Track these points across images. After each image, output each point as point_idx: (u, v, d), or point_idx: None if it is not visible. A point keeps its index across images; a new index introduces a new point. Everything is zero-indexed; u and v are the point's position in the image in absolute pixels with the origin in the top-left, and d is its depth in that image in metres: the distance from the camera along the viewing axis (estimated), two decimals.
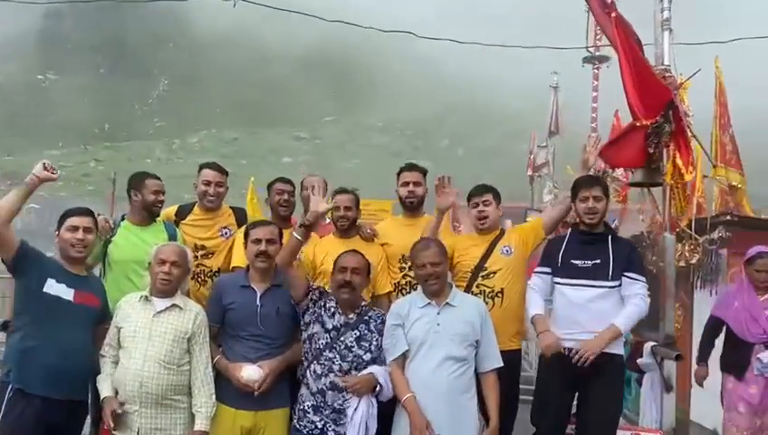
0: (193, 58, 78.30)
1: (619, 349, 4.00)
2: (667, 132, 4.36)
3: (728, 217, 6.85)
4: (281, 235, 3.88)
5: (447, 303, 3.71)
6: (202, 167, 4.63)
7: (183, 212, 4.62)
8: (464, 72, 59.24)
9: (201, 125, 63.33)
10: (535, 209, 12.18)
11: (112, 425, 3.43)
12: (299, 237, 3.81)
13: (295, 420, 3.70)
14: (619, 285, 3.94)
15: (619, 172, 6.16)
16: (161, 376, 3.52)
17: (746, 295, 5.09)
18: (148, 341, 3.56)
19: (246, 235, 3.89)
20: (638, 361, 4.51)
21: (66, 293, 3.59)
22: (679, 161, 4.38)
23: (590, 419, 3.96)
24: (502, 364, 3.81)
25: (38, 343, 3.53)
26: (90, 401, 3.71)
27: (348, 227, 4.41)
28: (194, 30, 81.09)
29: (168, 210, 4.64)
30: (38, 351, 3.52)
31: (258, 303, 3.73)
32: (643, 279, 3.99)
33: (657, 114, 4.18)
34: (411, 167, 4.61)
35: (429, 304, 3.70)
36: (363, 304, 3.86)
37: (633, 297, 3.91)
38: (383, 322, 3.76)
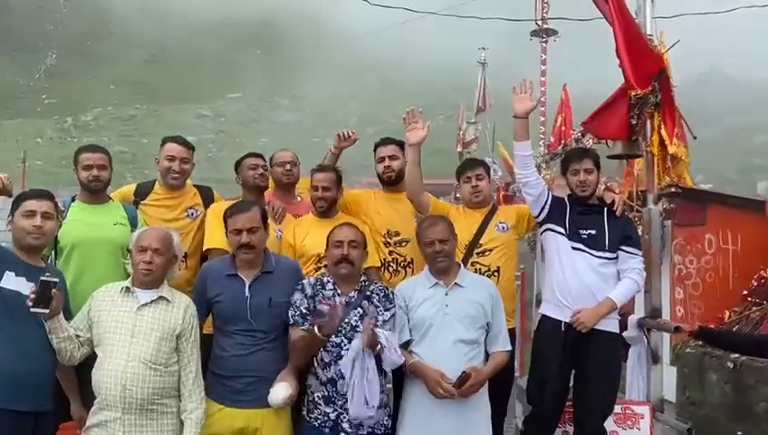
0: (83, 30, 73.61)
1: (613, 326, 4.01)
2: (651, 103, 4.35)
3: (672, 190, 7.09)
4: (264, 217, 3.54)
5: (456, 283, 3.58)
6: (165, 141, 4.19)
7: (142, 191, 4.16)
8: (375, 50, 58.98)
9: (95, 102, 59.58)
10: None
11: None
12: (319, 335, 3.37)
13: (305, 412, 3.44)
14: (616, 258, 3.95)
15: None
16: (147, 378, 3.12)
17: None
18: (131, 338, 3.15)
19: (225, 221, 3.52)
20: (624, 334, 4.48)
21: (26, 287, 3.08)
22: (664, 132, 4.37)
23: (586, 397, 3.95)
24: (510, 347, 3.74)
25: None
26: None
27: (326, 208, 4.12)
28: (83, 0, 76.20)
29: (126, 190, 4.19)
30: None
31: (247, 293, 3.39)
32: (640, 254, 4.02)
33: (650, 83, 4.14)
34: (385, 141, 4.40)
35: (437, 284, 3.57)
36: (362, 279, 3.59)
37: (630, 272, 3.94)
38: (386, 295, 3.53)
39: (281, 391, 3.31)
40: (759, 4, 10.53)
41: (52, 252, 3.75)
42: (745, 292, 7.16)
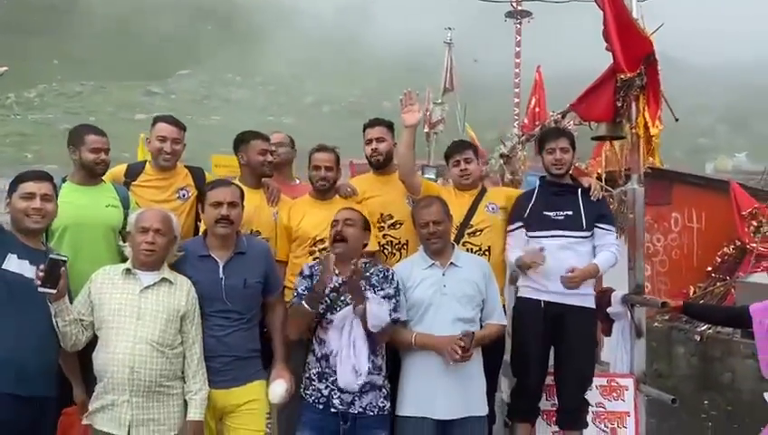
0: (24, 3, 70.55)
1: (590, 302, 4.14)
2: (637, 86, 4.46)
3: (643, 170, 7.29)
4: (242, 196, 3.52)
5: (452, 263, 3.62)
6: (156, 120, 4.09)
7: (133, 172, 4.07)
8: (333, 27, 58.26)
9: (38, 78, 57.33)
10: (433, 166, 12.24)
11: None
12: (308, 308, 3.38)
13: (302, 389, 3.46)
14: (591, 236, 4.07)
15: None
16: (154, 360, 3.09)
17: None
18: (136, 320, 3.11)
19: (203, 196, 3.49)
20: (609, 310, 4.63)
21: (30, 270, 3.01)
22: (647, 115, 4.48)
23: (567, 371, 4.09)
24: (506, 322, 3.80)
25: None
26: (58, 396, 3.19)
27: (328, 188, 4.09)
28: None
29: (116, 170, 4.07)
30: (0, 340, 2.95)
31: (222, 275, 3.36)
32: (614, 230, 4.17)
33: (638, 66, 4.24)
34: (373, 122, 4.33)
35: (434, 264, 3.61)
36: (363, 260, 3.55)
37: (608, 246, 4.07)
38: (385, 276, 3.52)
39: (278, 387, 3.35)
40: None
41: (43, 234, 3.65)
42: (709, 268, 7.47)
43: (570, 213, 4.01)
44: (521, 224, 4.08)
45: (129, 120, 45.16)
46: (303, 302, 3.36)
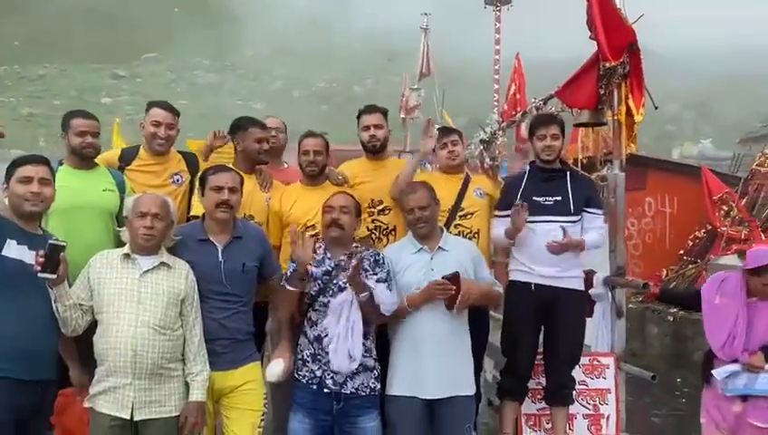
0: None
1: (579, 284, 4.28)
2: (619, 74, 4.58)
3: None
4: (242, 182, 3.57)
5: (440, 247, 3.69)
6: (150, 105, 4.10)
7: (127, 157, 4.08)
8: (303, 12, 57.58)
9: None
10: (409, 152, 12.33)
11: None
12: (293, 289, 3.46)
13: (295, 370, 3.51)
14: (580, 220, 4.19)
15: None
16: (156, 343, 3.13)
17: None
18: (137, 304, 3.13)
19: (204, 181, 3.52)
20: (591, 291, 4.78)
21: (29, 256, 3.01)
22: (631, 103, 4.61)
23: (557, 350, 4.23)
24: (502, 291, 3.93)
25: (1, 317, 2.96)
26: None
27: (317, 173, 4.14)
28: None
29: (110, 155, 4.09)
30: (2, 326, 2.96)
31: (221, 258, 3.41)
32: (602, 213, 4.29)
33: (621, 55, 4.36)
34: (370, 109, 4.40)
35: (422, 249, 3.67)
36: (354, 245, 3.64)
37: (596, 229, 4.22)
38: (376, 260, 3.59)
39: (276, 367, 3.40)
40: None
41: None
42: (681, 251, 7.69)
43: (559, 198, 4.13)
44: (509, 212, 4.13)
45: (94, 103, 44.33)
46: (285, 282, 3.44)
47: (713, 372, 3.78)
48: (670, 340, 6.93)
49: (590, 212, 4.20)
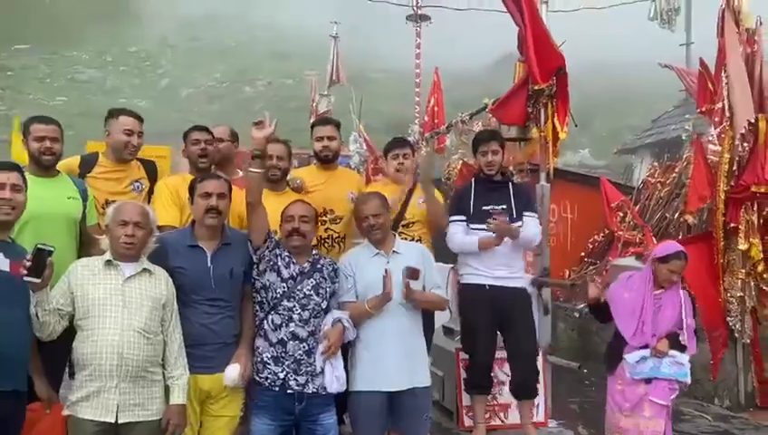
0: None
1: (526, 284, 4.84)
2: (546, 95, 5.09)
3: (529, 167, 8.05)
4: (230, 189, 3.69)
5: (395, 251, 3.96)
6: (116, 113, 4.11)
7: (88, 164, 4.09)
8: (188, 6, 55.57)
9: None
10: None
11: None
12: (257, 170, 3.66)
13: (254, 373, 3.63)
14: (522, 224, 4.66)
15: None
16: (141, 346, 3.21)
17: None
18: (122, 309, 3.20)
19: (192, 189, 3.63)
20: None
21: (2, 263, 3.02)
22: (557, 121, 5.14)
23: (517, 349, 4.69)
24: (447, 297, 4.26)
25: None
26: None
27: (279, 178, 4.33)
28: None
29: (70, 162, 4.07)
30: None
31: (210, 264, 3.53)
32: (536, 216, 4.82)
33: (550, 78, 4.85)
34: (324, 121, 4.75)
35: (378, 253, 3.93)
36: (314, 252, 3.88)
37: (532, 227, 4.71)
38: (334, 269, 3.85)
39: (233, 371, 3.51)
40: None
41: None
42: (582, 253, 8.39)
43: (504, 206, 4.59)
44: (464, 218, 4.60)
45: None
46: (249, 167, 3.65)
47: (625, 356, 4.14)
48: (576, 334, 7.59)
49: (528, 216, 4.70)
